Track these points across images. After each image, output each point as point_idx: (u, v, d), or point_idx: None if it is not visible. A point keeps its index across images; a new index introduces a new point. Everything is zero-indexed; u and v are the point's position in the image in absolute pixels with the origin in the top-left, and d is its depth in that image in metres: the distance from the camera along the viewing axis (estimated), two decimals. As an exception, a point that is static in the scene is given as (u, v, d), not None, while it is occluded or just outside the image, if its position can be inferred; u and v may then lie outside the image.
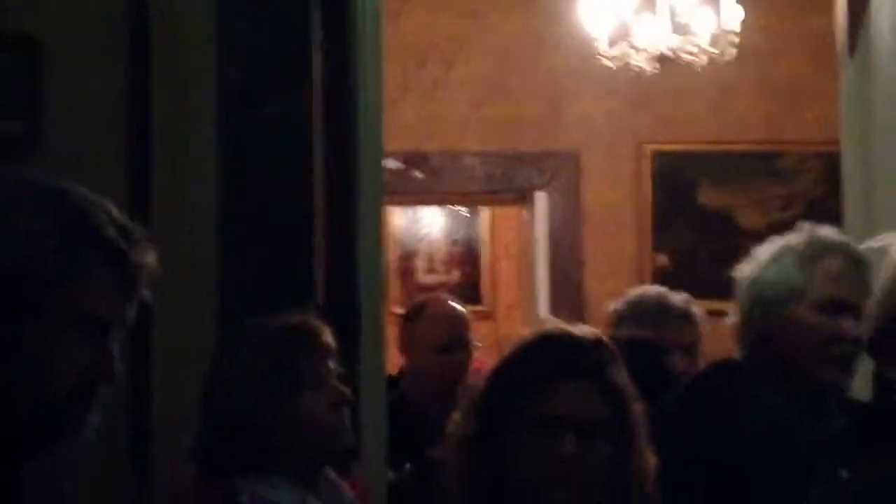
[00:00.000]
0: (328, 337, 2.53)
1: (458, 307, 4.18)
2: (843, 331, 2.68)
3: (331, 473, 2.56)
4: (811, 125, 6.29)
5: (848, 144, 4.06)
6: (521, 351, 2.28)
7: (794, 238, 2.81)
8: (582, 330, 2.30)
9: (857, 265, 2.75)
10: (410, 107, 6.38)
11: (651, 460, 2.26)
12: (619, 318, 3.77)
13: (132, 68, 2.94)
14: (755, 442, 2.64)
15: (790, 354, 2.73)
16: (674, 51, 5.87)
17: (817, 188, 6.38)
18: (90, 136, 2.93)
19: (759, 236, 2.99)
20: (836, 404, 2.74)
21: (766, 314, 2.76)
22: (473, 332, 4.13)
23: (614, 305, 3.91)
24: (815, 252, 2.77)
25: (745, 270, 2.83)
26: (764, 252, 2.82)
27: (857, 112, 3.94)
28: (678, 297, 3.88)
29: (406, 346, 4.12)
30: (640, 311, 3.79)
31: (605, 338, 2.32)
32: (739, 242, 3.63)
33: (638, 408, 2.26)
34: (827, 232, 2.82)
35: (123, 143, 2.93)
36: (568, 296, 6.38)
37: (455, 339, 4.01)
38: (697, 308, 3.86)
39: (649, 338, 3.53)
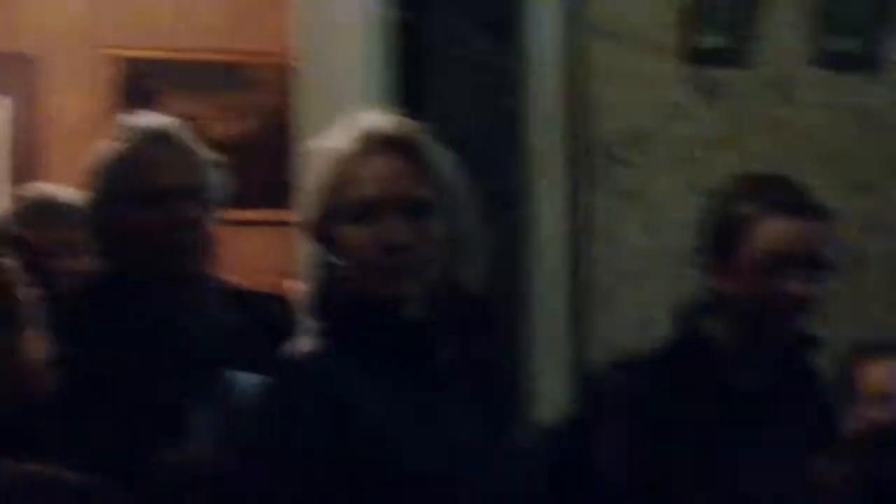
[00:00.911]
0: None
1: None
2: (169, 220, 2.87)
3: None
4: (273, 36, 6.31)
5: (304, 56, 4.10)
6: None
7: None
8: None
9: (180, 151, 2.89)
10: None
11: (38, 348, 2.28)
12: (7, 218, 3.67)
13: None
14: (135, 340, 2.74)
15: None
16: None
17: (277, 100, 6.42)
18: None
19: (223, 147, 3.00)
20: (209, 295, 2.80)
21: None
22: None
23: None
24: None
25: None
26: None
27: (314, 23, 3.98)
28: (69, 195, 3.76)
29: None
30: (26, 211, 3.69)
31: None
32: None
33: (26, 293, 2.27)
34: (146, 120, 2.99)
35: None
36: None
37: None
38: None
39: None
